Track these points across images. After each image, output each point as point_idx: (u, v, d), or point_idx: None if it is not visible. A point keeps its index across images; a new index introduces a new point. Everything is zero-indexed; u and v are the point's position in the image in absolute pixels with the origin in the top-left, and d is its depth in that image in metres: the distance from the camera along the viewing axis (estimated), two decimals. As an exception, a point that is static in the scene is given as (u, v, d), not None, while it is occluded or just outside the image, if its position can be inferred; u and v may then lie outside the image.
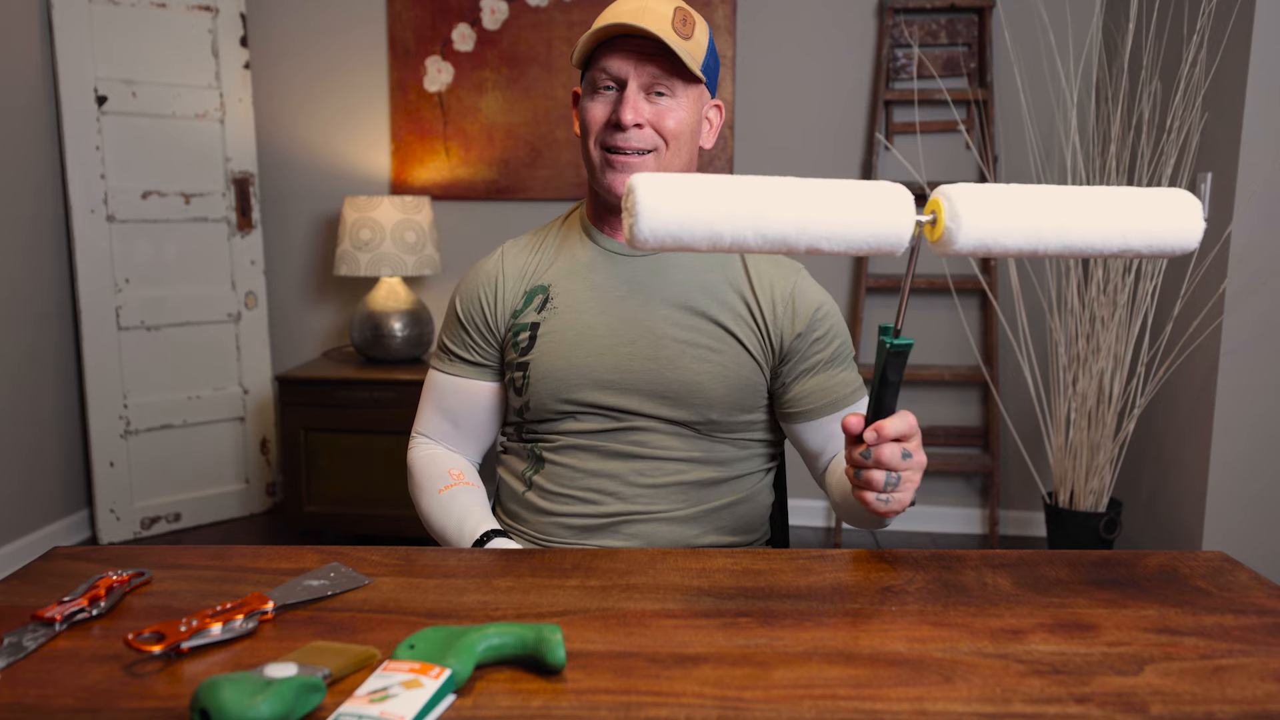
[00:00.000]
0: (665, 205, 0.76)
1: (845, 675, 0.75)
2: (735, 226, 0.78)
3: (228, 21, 3.08)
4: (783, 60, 3.07)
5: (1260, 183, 2.25)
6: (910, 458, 0.91)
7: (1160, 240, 0.84)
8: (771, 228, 0.78)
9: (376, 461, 2.86)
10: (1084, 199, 0.83)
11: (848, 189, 0.81)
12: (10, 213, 2.73)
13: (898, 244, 0.81)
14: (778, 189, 0.79)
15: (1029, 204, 0.82)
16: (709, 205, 0.77)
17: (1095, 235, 0.83)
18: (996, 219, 0.81)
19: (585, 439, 1.19)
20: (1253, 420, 2.33)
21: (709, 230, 0.78)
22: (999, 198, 0.82)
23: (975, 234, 0.81)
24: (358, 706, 0.67)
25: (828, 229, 0.79)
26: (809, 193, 0.80)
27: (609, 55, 1.14)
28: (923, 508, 3.18)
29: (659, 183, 0.78)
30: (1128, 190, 0.85)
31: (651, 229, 0.77)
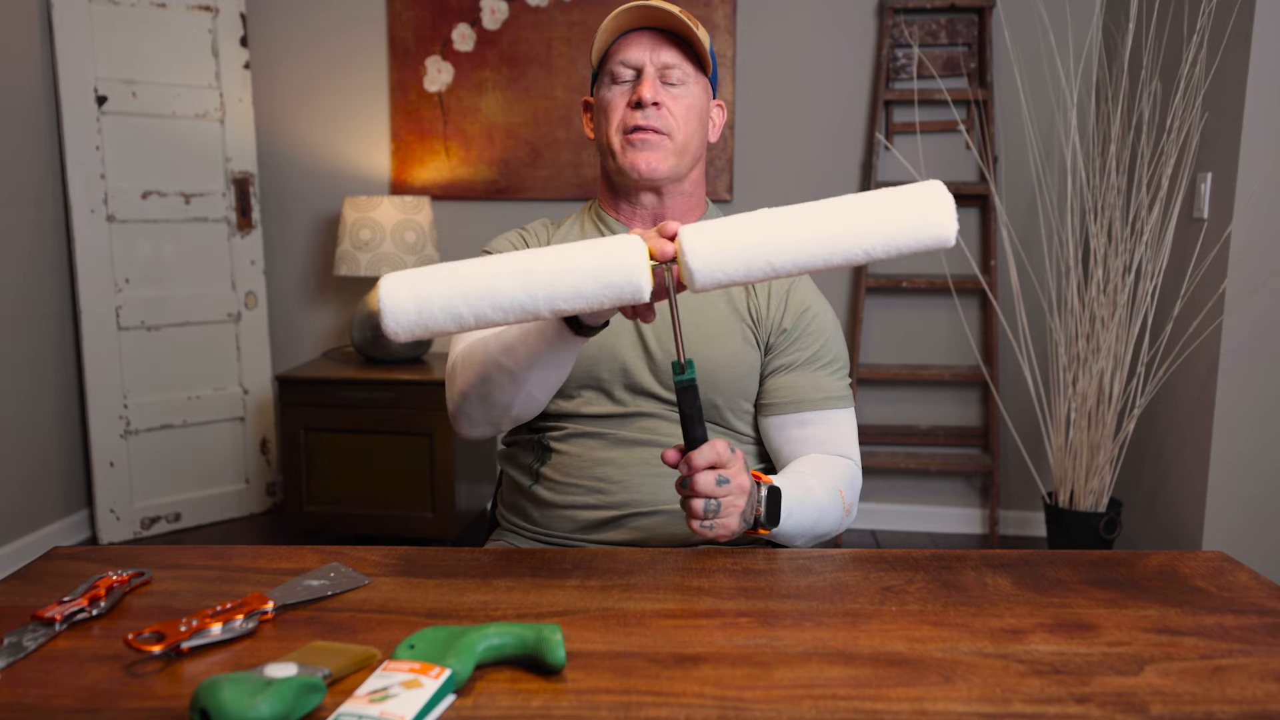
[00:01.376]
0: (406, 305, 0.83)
1: (845, 675, 0.75)
2: (474, 307, 0.83)
3: (228, 21, 3.08)
4: (783, 60, 3.07)
5: (1260, 183, 2.25)
6: (727, 483, 0.93)
7: (907, 241, 0.85)
8: (509, 299, 0.83)
9: (376, 461, 2.86)
10: (819, 212, 0.84)
11: (581, 251, 0.84)
12: (10, 213, 2.73)
13: (636, 291, 0.84)
14: (511, 265, 0.83)
15: (760, 229, 0.83)
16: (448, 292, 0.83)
17: (833, 248, 0.84)
18: (730, 251, 0.83)
19: (593, 425, 1.20)
20: (1253, 420, 2.33)
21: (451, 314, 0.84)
22: (728, 230, 0.84)
23: (713, 270, 0.84)
24: (358, 706, 0.67)
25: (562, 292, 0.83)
26: (538, 262, 0.83)
27: (624, 47, 1.20)
28: (923, 508, 3.19)
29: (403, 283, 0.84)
30: (874, 195, 0.85)
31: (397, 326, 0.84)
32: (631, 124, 1.19)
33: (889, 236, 0.84)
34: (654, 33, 1.20)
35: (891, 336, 3.14)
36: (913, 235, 0.84)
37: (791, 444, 1.21)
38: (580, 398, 1.21)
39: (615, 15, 1.19)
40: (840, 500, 1.14)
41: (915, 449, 3.16)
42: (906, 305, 3.13)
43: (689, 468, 0.93)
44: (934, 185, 0.85)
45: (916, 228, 0.84)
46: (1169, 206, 2.50)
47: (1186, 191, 2.50)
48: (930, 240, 0.85)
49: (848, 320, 3.13)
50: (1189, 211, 2.49)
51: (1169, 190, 2.52)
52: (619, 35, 1.22)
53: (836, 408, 1.22)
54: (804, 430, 1.21)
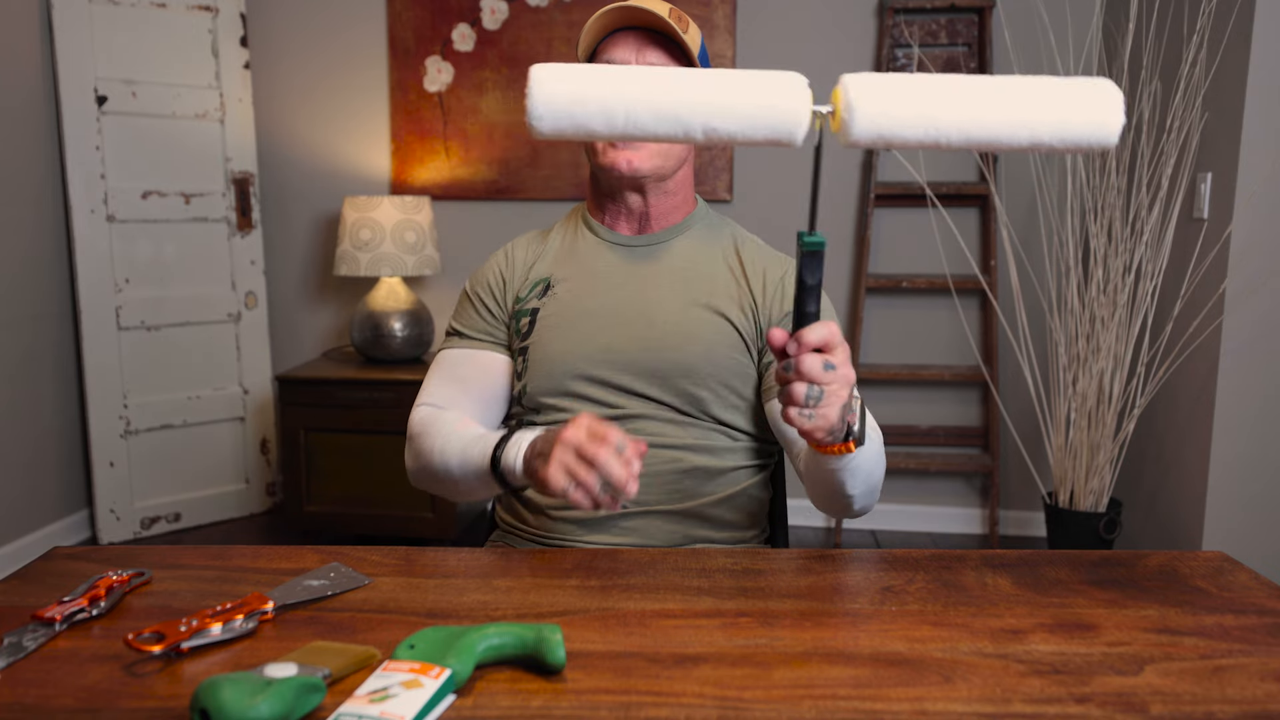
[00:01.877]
0: (560, 87, 0.79)
1: (845, 675, 0.75)
2: (629, 107, 0.79)
3: (228, 21, 3.08)
4: (783, 60, 3.07)
5: (1260, 183, 2.25)
6: (834, 370, 0.85)
7: (1074, 134, 0.80)
8: (665, 108, 0.79)
9: (376, 461, 2.86)
10: (992, 88, 0.80)
11: (745, 77, 0.81)
12: (10, 213, 2.73)
13: (794, 131, 0.80)
14: (672, 75, 0.80)
15: (930, 93, 0.80)
16: (603, 88, 0.79)
17: (1000, 126, 0.80)
18: (893, 107, 0.79)
19: None
20: (1253, 420, 2.33)
21: (603, 110, 0.79)
22: (898, 86, 0.80)
23: (870, 123, 0.79)
24: (358, 706, 0.67)
25: (721, 110, 0.79)
26: (703, 78, 0.80)
27: (611, 47, 1.20)
28: (923, 508, 3.19)
29: (558, 72, 0.80)
30: (1043, 80, 0.81)
31: (548, 112, 0.79)
32: None
33: (1058, 126, 0.80)
34: (641, 32, 1.20)
35: (891, 336, 3.14)
36: (1080, 129, 0.80)
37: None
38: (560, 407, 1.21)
39: (601, 15, 1.18)
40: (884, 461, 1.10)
41: (915, 449, 3.16)
42: (906, 305, 3.13)
43: (798, 345, 0.84)
44: (1106, 83, 0.82)
45: (1086, 121, 0.80)
46: (1169, 206, 2.50)
47: (1186, 191, 2.50)
48: (1097, 137, 0.81)
49: (848, 320, 3.13)
50: (1189, 211, 2.49)
51: (1169, 190, 2.52)
52: (606, 35, 1.22)
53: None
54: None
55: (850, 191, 3.10)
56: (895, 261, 3.12)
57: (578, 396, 1.20)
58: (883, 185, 2.98)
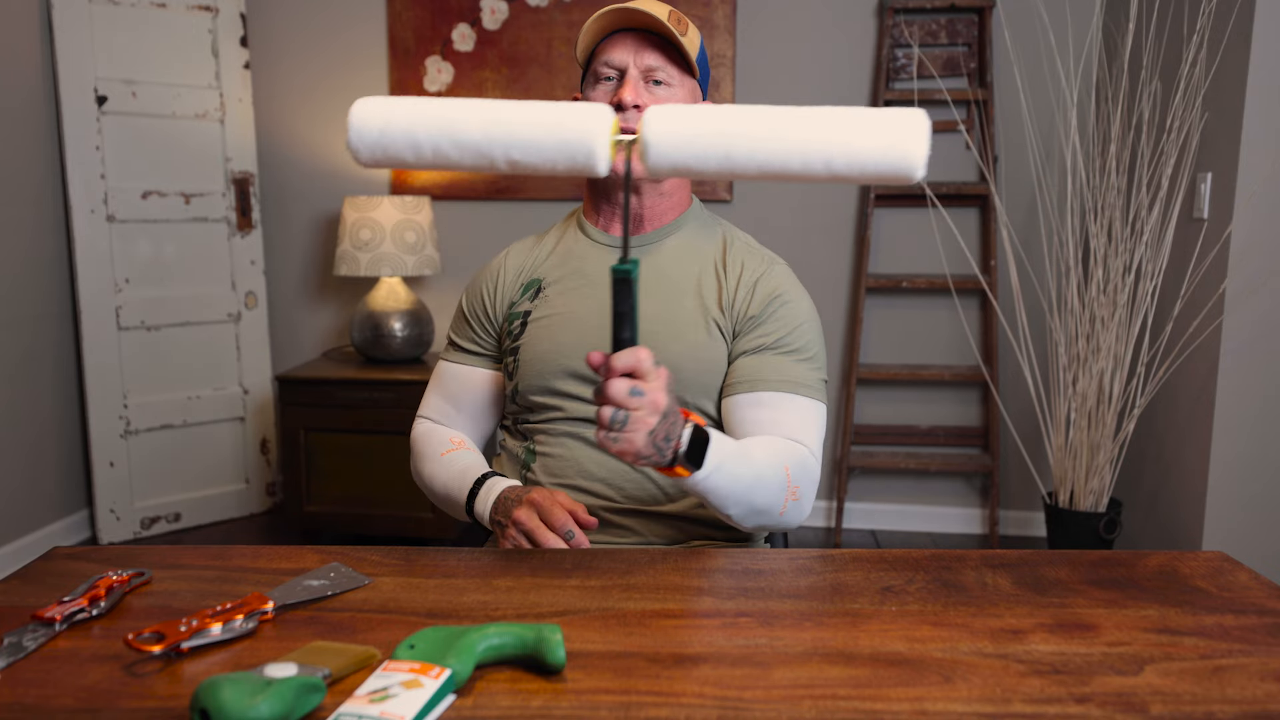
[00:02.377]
0: (372, 122, 0.84)
1: (845, 675, 0.75)
2: (435, 141, 0.83)
3: (228, 21, 3.08)
4: (783, 60, 3.07)
5: (1260, 183, 2.25)
6: (640, 395, 0.86)
7: (872, 165, 0.79)
8: (467, 141, 0.83)
9: (376, 461, 2.86)
10: (792, 120, 0.80)
11: (550, 110, 0.83)
12: (10, 213, 2.73)
13: (594, 163, 0.82)
14: (479, 109, 0.84)
15: (725, 125, 0.81)
16: (411, 121, 0.83)
17: (794, 158, 0.80)
18: (686, 140, 0.81)
19: (574, 425, 1.21)
20: (1253, 420, 2.33)
21: (411, 144, 0.84)
22: (695, 118, 0.81)
23: (663, 155, 0.81)
24: (358, 706, 0.67)
25: (522, 143, 0.82)
26: (508, 111, 0.83)
27: (609, 48, 1.20)
28: (923, 508, 3.19)
29: (373, 106, 0.85)
30: (848, 111, 0.81)
31: (363, 144, 0.84)
32: None
33: (854, 153, 0.79)
34: (638, 34, 1.20)
35: (891, 336, 3.14)
36: (879, 157, 0.79)
37: (745, 425, 1.15)
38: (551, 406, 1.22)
39: (599, 16, 1.18)
40: (785, 477, 1.08)
41: (915, 449, 3.16)
42: (906, 305, 3.13)
43: (606, 370, 0.86)
44: (916, 113, 0.81)
45: (885, 150, 0.79)
46: (1169, 206, 2.50)
47: (1186, 191, 2.50)
48: (896, 167, 0.79)
49: (847, 320, 3.13)
50: (1189, 211, 2.49)
51: (1169, 190, 2.52)
52: (605, 36, 1.22)
53: (796, 394, 1.16)
54: (758, 411, 1.15)
55: (850, 191, 3.10)
56: (895, 261, 3.12)
57: (567, 395, 1.21)
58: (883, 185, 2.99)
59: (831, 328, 3.15)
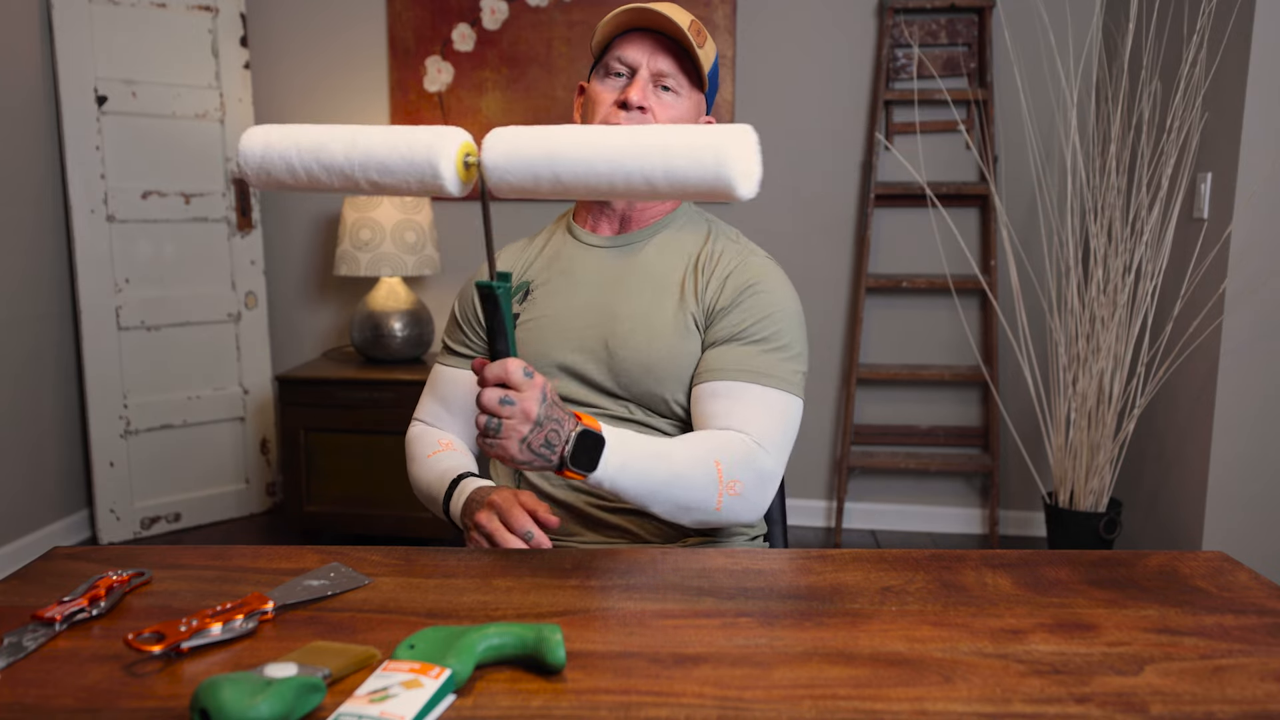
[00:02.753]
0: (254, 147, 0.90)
1: (845, 675, 0.75)
2: (305, 162, 0.88)
3: (228, 21, 3.08)
4: (783, 60, 3.07)
5: (1260, 183, 2.25)
6: (511, 405, 0.89)
7: (693, 185, 0.80)
8: (331, 163, 0.88)
9: (376, 461, 2.86)
10: (621, 141, 0.82)
11: (401, 134, 0.87)
12: (10, 213, 2.73)
13: (443, 184, 0.85)
14: (336, 135, 0.88)
15: (557, 145, 0.84)
16: (284, 144, 0.89)
17: (618, 178, 0.82)
18: (519, 162, 0.84)
19: None
20: (1253, 420, 2.33)
21: (287, 168, 0.89)
22: (529, 141, 0.85)
23: (499, 176, 0.85)
24: (358, 706, 0.67)
25: (379, 166, 0.86)
26: (365, 136, 0.88)
27: (625, 45, 1.20)
28: (923, 507, 3.19)
29: (260, 131, 0.90)
30: (676, 130, 0.82)
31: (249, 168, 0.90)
32: (613, 124, 1.17)
33: (672, 171, 0.80)
34: (656, 36, 1.20)
35: (891, 336, 3.14)
36: (699, 178, 0.79)
37: (702, 417, 1.14)
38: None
39: (623, 10, 1.18)
40: (715, 470, 1.04)
41: (915, 449, 3.16)
42: (906, 305, 3.13)
43: (480, 380, 0.92)
44: (742, 129, 0.80)
45: (704, 171, 0.79)
46: (1169, 206, 2.50)
47: (1186, 191, 2.50)
48: (716, 187, 0.79)
49: (847, 320, 3.13)
50: (1189, 211, 2.49)
51: (1169, 190, 2.52)
52: (623, 31, 1.22)
53: (755, 383, 1.13)
54: (714, 402, 1.13)
55: (850, 191, 3.10)
56: (895, 261, 3.12)
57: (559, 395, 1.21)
58: (883, 185, 2.98)
59: (832, 328, 3.15)
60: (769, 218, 3.11)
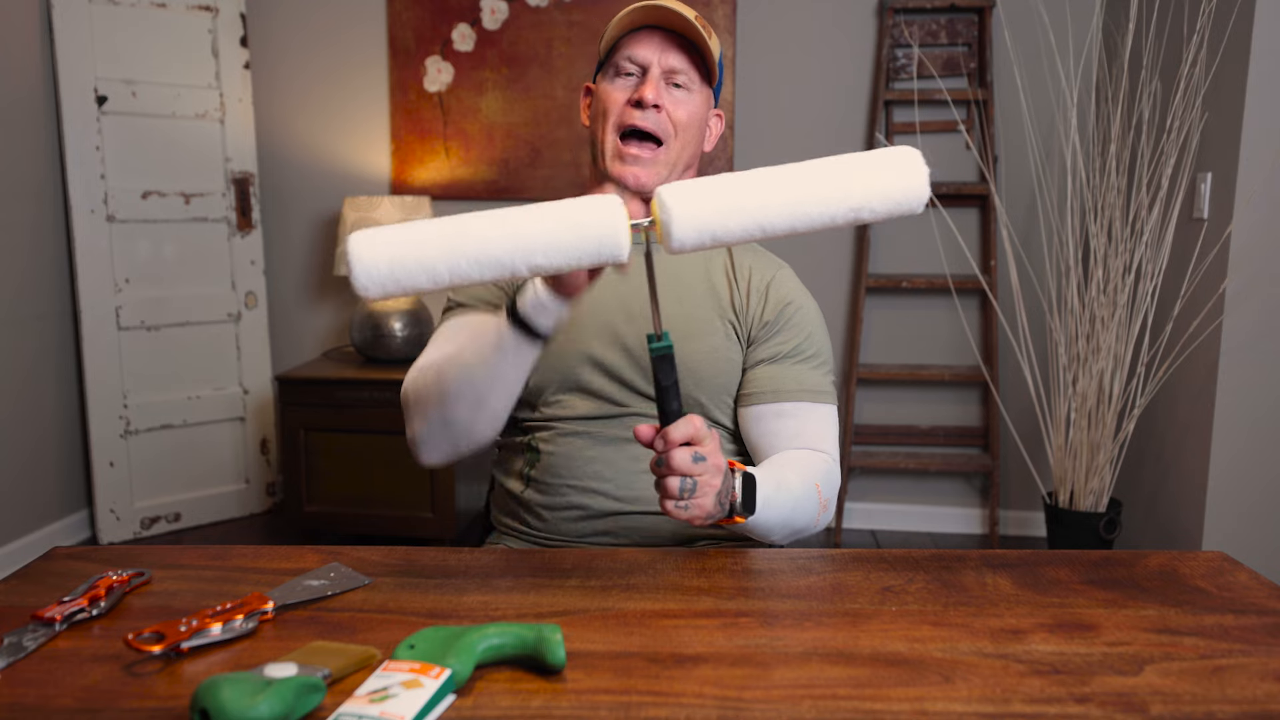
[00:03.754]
0: (378, 255, 0.79)
1: (845, 675, 0.75)
2: (451, 264, 0.80)
3: (228, 21, 3.08)
4: (783, 60, 3.07)
5: (1260, 183, 2.25)
6: (703, 460, 0.89)
7: (884, 206, 0.83)
8: (485, 258, 0.80)
9: (376, 461, 2.86)
10: (798, 176, 0.83)
11: (561, 209, 0.82)
12: (10, 213, 2.73)
13: (617, 252, 0.82)
14: (481, 223, 0.81)
15: (741, 191, 0.82)
16: (421, 249, 0.79)
17: (814, 213, 0.82)
18: (710, 212, 0.81)
19: (580, 425, 1.20)
20: (1253, 420, 2.33)
21: (426, 271, 0.79)
22: (710, 190, 0.82)
23: (693, 231, 0.82)
24: (358, 706, 0.67)
25: (544, 248, 0.81)
26: (516, 219, 0.81)
27: (634, 43, 1.19)
28: (923, 507, 3.19)
29: (373, 239, 0.79)
30: (848, 158, 0.84)
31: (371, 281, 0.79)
32: (629, 123, 1.17)
33: (866, 202, 0.83)
34: (666, 33, 1.19)
35: (891, 336, 3.14)
36: (891, 201, 0.83)
37: (768, 436, 1.18)
38: (563, 401, 1.21)
39: (632, 10, 1.18)
40: (817, 495, 1.11)
41: (915, 449, 3.16)
42: (906, 305, 3.13)
43: (664, 443, 0.88)
44: (910, 151, 0.85)
45: (895, 193, 0.83)
46: (1169, 206, 2.50)
47: (1186, 191, 2.50)
48: (908, 206, 0.84)
49: (847, 320, 3.13)
50: (1189, 211, 2.49)
51: (1169, 190, 2.52)
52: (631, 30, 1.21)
53: (815, 401, 1.19)
54: (781, 422, 1.18)
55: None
56: (895, 261, 3.12)
57: (582, 391, 1.20)
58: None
59: (832, 328, 3.15)
60: (769, 218, 3.11)
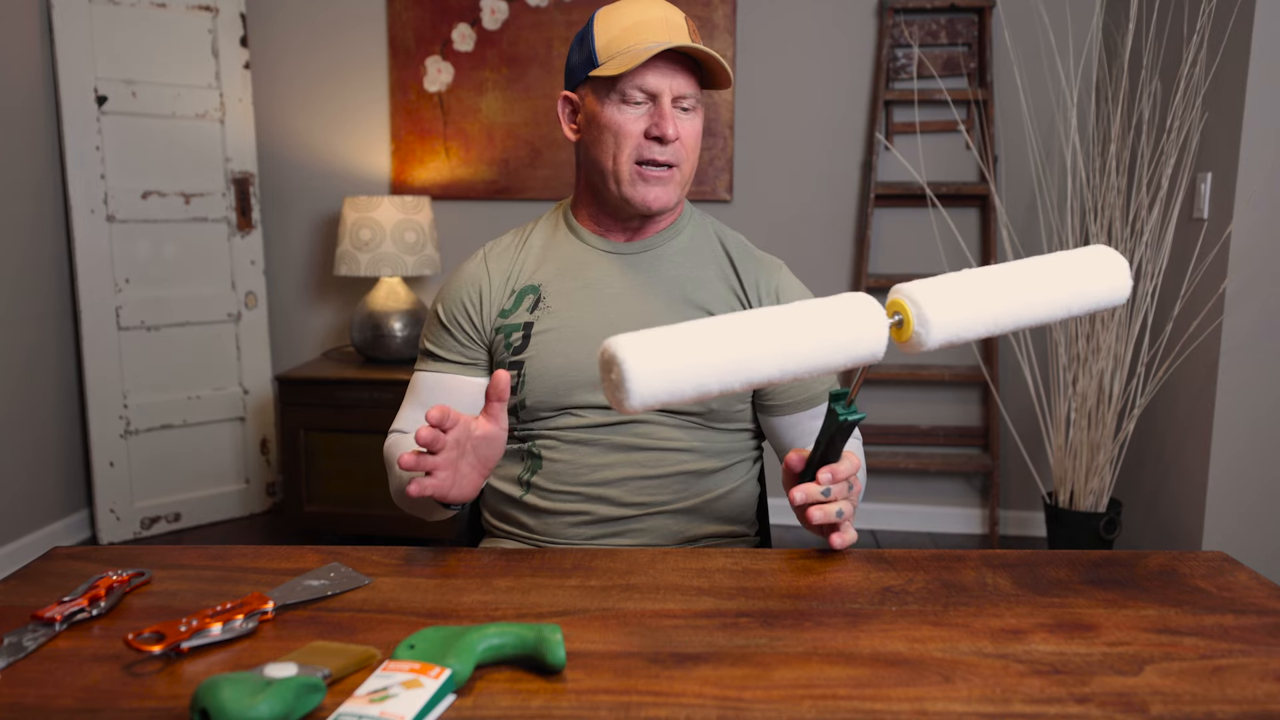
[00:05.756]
0: (653, 366, 0.76)
1: (845, 675, 0.75)
2: (723, 383, 0.79)
3: (228, 21, 3.08)
4: (783, 60, 3.07)
5: (1260, 183, 2.25)
6: (851, 489, 1.01)
7: (1097, 303, 0.91)
8: (756, 375, 0.80)
9: (376, 461, 2.86)
10: (1026, 275, 0.88)
11: (822, 315, 0.82)
12: (10, 213, 2.73)
13: (875, 354, 0.84)
14: (758, 338, 0.80)
15: (983, 294, 0.85)
16: (691, 360, 0.78)
17: (1043, 311, 0.88)
18: (959, 317, 0.84)
19: (586, 433, 1.19)
20: (1253, 420, 2.33)
21: (697, 386, 0.78)
22: (953, 292, 0.84)
23: (943, 334, 0.84)
24: (358, 706, 0.67)
25: (808, 357, 0.81)
26: (778, 327, 0.81)
27: (645, 70, 1.15)
28: (923, 507, 3.19)
29: (640, 345, 0.77)
30: (1059, 257, 0.90)
31: (641, 396, 0.76)
32: (649, 158, 1.16)
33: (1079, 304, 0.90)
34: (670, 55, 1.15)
35: (891, 336, 3.14)
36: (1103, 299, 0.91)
37: (804, 436, 1.25)
38: (569, 412, 1.20)
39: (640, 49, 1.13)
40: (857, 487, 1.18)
41: (915, 449, 3.16)
42: (906, 305, 3.12)
43: (831, 476, 0.98)
44: (1107, 251, 0.92)
45: (1107, 291, 0.91)
46: (1169, 206, 2.50)
47: (1186, 191, 2.50)
48: (1113, 300, 0.92)
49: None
50: (1189, 211, 2.49)
51: (1169, 190, 2.52)
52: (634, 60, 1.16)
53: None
54: (815, 423, 1.25)
55: (850, 191, 3.10)
56: (895, 261, 3.11)
57: (582, 406, 1.19)
58: (883, 185, 2.98)
59: (831, 328, 3.14)
60: (770, 217, 3.11)
